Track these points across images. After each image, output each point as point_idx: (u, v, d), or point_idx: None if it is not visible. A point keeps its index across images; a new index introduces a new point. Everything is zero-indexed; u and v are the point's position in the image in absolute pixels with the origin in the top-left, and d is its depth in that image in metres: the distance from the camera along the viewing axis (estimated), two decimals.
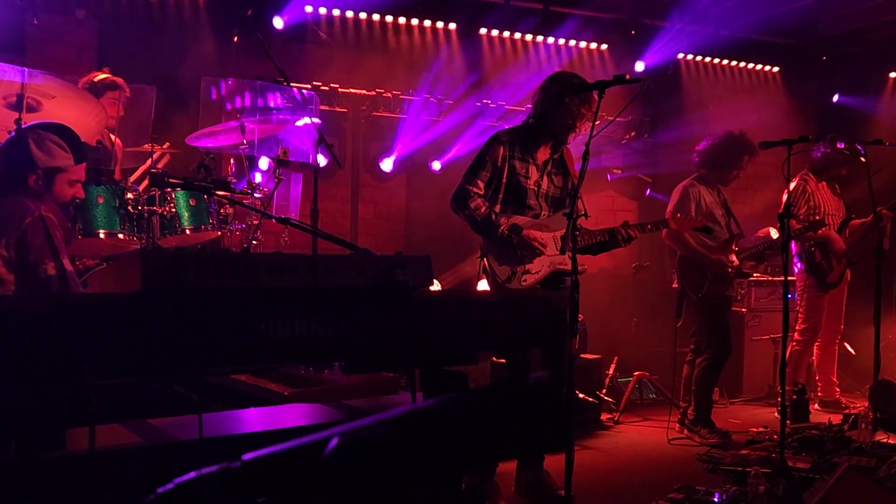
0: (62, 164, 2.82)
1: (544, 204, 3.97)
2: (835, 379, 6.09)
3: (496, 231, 3.79)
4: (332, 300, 1.82)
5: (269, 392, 3.04)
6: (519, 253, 3.83)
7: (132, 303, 1.58)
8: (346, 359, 1.94)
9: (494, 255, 3.86)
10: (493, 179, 3.87)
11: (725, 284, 5.14)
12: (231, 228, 4.73)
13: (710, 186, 5.31)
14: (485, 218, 3.79)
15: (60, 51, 5.90)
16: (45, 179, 2.79)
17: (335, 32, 6.54)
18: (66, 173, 2.85)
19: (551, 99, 3.83)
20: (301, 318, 1.76)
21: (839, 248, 5.76)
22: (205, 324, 1.64)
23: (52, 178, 2.81)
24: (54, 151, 2.79)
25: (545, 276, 3.89)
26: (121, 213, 3.97)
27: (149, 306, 1.58)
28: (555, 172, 4.01)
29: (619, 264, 7.69)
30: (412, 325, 1.91)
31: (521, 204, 3.90)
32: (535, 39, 7.21)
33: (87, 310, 1.53)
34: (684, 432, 5.19)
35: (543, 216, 3.95)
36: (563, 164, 4.05)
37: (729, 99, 7.88)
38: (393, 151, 6.93)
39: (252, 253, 4.55)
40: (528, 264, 3.86)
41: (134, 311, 1.56)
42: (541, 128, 3.91)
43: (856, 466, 3.78)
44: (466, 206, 3.80)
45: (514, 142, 3.91)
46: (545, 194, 3.97)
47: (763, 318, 6.61)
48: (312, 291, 1.81)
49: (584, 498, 3.77)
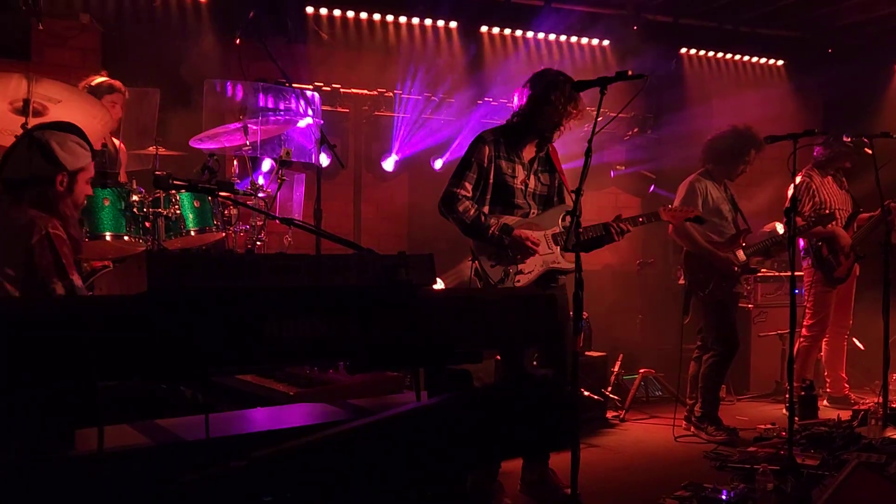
0: (83, 163, 2.82)
1: (532, 202, 3.96)
2: (844, 375, 6.08)
3: (487, 232, 3.77)
4: (336, 300, 1.84)
5: (274, 392, 3.06)
6: (511, 253, 3.81)
7: (139, 304, 1.60)
8: (351, 358, 1.96)
9: (486, 257, 3.84)
10: (480, 180, 3.84)
11: (733, 281, 5.14)
12: (235, 230, 4.76)
13: (716, 181, 5.31)
14: (474, 220, 3.77)
15: (65, 55, 5.94)
16: (70, 181, 2.78)
17: (336, 32, 6.56)
18: (86, 172, 2.85)
19: (537, 97, 3.82)
20: (305, 318, 1.78)
21: (846, 243, 5.75)
22: (210, 325, 1.66)
23: (76, 178, 2.81)
24: (77, 151, 2.79)
25: (538, 276, 3.88)
26: (126, 216, 4.00)
27: (155, 308, 1.60)
28: (541, 170, 4.00)
29: (623, 261, 7.68)
30: (416, 324, 1.92)
31: (509, 204, 3.89)
32: (537, 36, 7.22)
33: (95, 312, 1.55)
34: (691, 430, 5.20)
35: (533, 215, 3.94)
36: (550, 162, 4.04)
37: (732, 93, 7.87)
38: (394, 150, 6.96)
39: (256, 254, 4.58)
40: (520, 264, 3.84)
41: (140, 313, 1.58)
42: (526, 126, 3.90)
43: (865, 463, 3.78)
44: (455, 209, 3.78)
45: (499, 141, 3.89)
46: (533, 193, 3.96)
47: (770, 314, 6.61)
48: (317, 291, 1.83)
49: (589, 496, 3.77)
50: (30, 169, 2.74)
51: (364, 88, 6.75)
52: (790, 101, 7.99)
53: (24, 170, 2.74)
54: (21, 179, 2.73)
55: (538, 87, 3.84)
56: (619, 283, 7.37)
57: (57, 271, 2.53)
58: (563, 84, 3.80)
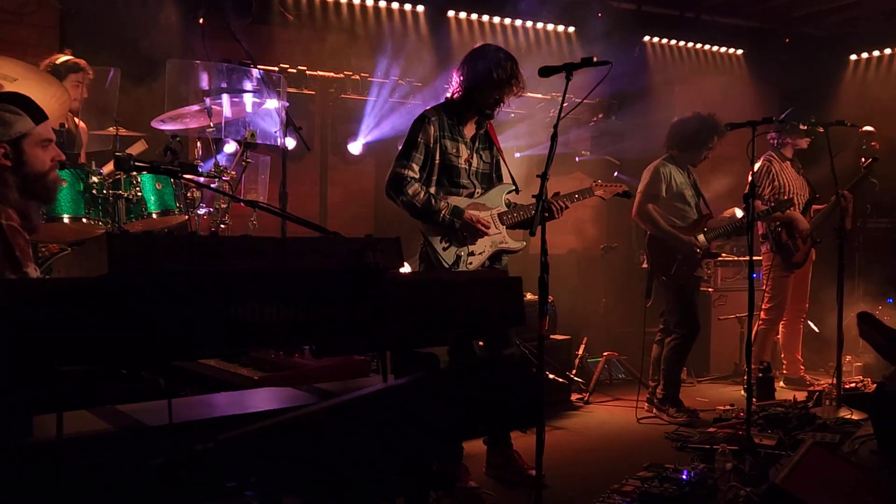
0: (22, 128, 2.59)
1: (476, 181, 3.93)
2: (799, 357, 6.20)
3: (438, 216, 3.72)
4: (302, 283, 1.80)
5: (238, 377, 3.01)
6: (460, 235, 3.79)
7: (98, 287, 1.55)
8: (317, 342, 1.93)
9: (438, 239, 3.80)
10: (426, 161, 3.78)
11: (694, 265, 5.19)
12: (198, 212, 4.67)
13: (680, 167, 5.36)
14: (425, 203, 3.71)
15: (21, 32, 5.75)
16: (14, 151, 2.58)
17: (302, 14, 6.46)
18: (30, 137, 2.62)
19: (479, 74, 3.77)
20: (271, 302, 1.74)
21: (804, 228, 5.84)
22: (173, 308, 1.62)
23: (20, 147, 2.59)
24: (9, 119, 2.58)
25: (488, 257, 3.88)
26: (86, 198, 3.90)
27: (116, 291, 1.55)
28: (482, 148, 3.98)
29: (587, 245, 7.74)
30: (383, 308, 1.90)
31: (454, 184, 3.85)
32: (503, 22, 7.19)
33: (52, 295, 1.50)
34: (653, 411, 5.26)
35: (477, 194, 3.91)
36: (489, 139, 4.02)
37: (694, 81, 7.93)
38: (361, 134, 6.89)
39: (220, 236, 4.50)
40: (471, 245, 3.83)
41: (100, 296, 1.53)
42: (466, 103, 3.85)
43: (820, 442, 3.86)
44: (404, 192, 3.70)
45: (442, 120, 3.83)
46: (476, 171, 3.94)
47: (729, 298, 6.71)
48: (282, 275, 1.80)
49: (554, 478, 3.80)
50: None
51: (330, 71, 6.66)
52: (749, 89, 8.09)
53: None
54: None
55: (480, 63, 3.79)
56: (584, 267, 7.42)
57: (10, 264, 2.41)
58: (504, 60, 3.78)
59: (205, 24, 5.61)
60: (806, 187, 6.02)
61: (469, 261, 3.83)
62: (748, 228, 4.46)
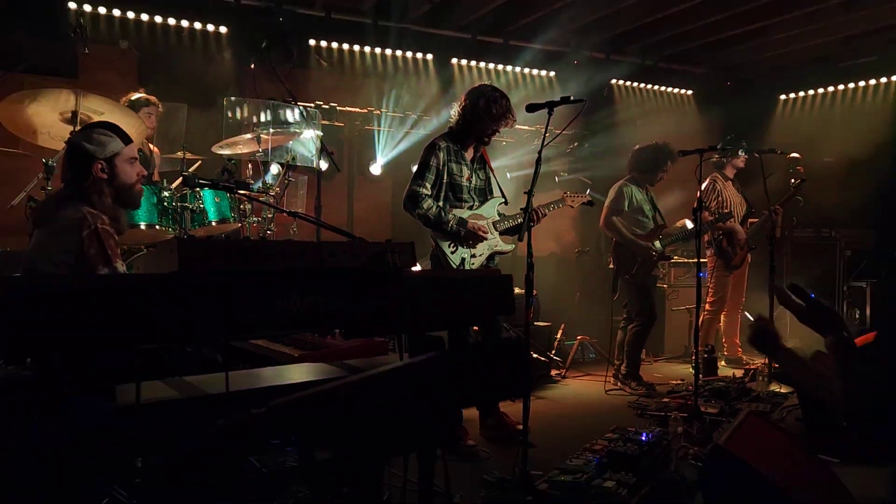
0: (115, 148, 2.65)
1: (474, 196, 3.96)
2: (738, 341, 6.18)
3: (447, 226, 3.76)
4: (334, 279, 1.81)
5: (281, 354, 3.02)
6: (465, 241, 3.83)
7: (172, 282, 1.56)
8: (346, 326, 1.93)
9: (447, 244, 3.83)
10: (436, 181, 3.82)
11: (651, 266, 5.18)
12: (249, 221, 4.68)
13: (640, 186, 5.35)
14: (436, 216, 3.75)
15: (107, 75, 5.79)
16: (108, 167, 2.63)
17: (334, 60, 6.48)
18: (121, 155, 2.67)
19: (479, 109, 3.80)
20: (309, 294, 1.75)
21: (741, 238, 5.84)
22: (230, 299, 1.63)
23: (113, 163, 2.64)
24: (104, 140, 2.63)
25: (486, 258, 3.91)
26: (158, 209, 3.92)
27: (185, 284, 1.56)
28: (478, 168, 4.00)
29: (565, 249, 7.73)
30: (400, 299, 1.90)
31: (458, 199, 3.88)
32: (497, 68, 7.19)
33: (136, 287, 1.51)
34: (618, 385, 5.25)
35: (476, 207, 3.94)
36: (483, 160, 4.04)
37: (653, 116, 7.92)
38: (378, 158, 6.91)
39: (267, 241, 4.51)
40: (473, 249, 3.86)
41: (173, 289, 1.54)
42: (467, 132, 3.88)
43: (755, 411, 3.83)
44: (420, 206, 3.74)
45: (449, 147, 3.87)
46: (474, 188, 3.96)
47: (681, 293, 6.69)
48: (318, 272, 1.81)
49: (537, 437, 3.79)
50: (71, 168, 2.63)
51: (356, 107, 6.68)
52: (697, 123, 8.07)
53: (68, 171, 2.64)
54: (71, 180, 2.63)
55: (480, 100, 3.82)
56: (562, 267, 7.42)
57: (103, 260, 2.44)
58: (500, 98, 3.82)
59: (255, 68, 5.64)
60: (744, 203, 6.01)
61: (471, 262, 3.84)
62: (696, 236, 4.46)
